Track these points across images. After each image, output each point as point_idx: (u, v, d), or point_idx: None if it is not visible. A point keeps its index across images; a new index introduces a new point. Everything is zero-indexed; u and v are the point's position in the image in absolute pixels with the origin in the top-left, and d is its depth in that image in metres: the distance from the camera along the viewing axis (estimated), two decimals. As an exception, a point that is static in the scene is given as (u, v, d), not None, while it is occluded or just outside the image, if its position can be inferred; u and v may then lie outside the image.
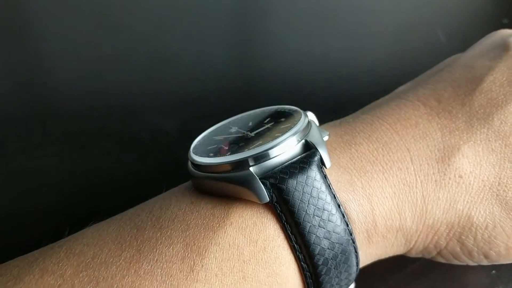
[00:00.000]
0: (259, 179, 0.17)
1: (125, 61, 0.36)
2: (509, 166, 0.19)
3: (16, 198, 0.30)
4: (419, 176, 0.19)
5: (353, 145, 0.20)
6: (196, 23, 0.37)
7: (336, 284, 0.18)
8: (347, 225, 0.18)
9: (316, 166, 0.17)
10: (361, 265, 0.20)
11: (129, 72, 0.36)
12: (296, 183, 0.17)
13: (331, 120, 0.22)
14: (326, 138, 0.19)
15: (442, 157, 0.19)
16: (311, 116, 0.20)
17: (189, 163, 0.19)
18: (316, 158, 0.17)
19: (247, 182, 0.17)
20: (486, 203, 0.19)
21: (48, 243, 0.18)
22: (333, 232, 0.17)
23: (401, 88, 0.23)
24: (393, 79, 0.23)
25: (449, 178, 0.19)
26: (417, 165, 0.19)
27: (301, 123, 0.18)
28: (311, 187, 0.17)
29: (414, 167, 0.19)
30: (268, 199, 0.17)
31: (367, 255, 0.19)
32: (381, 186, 0.19)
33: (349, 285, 0.19)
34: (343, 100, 0.23)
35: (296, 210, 0.17)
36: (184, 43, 0.37)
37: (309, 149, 0.18)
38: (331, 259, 0.17)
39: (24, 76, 0.35)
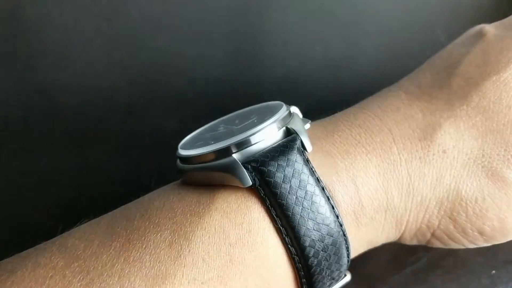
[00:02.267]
0: (242, 163, 0.17)
1: (125, 61, 0.36)
2: (491, 138, 0.20)
3: (16, 198, 0.30)
4: (402, 155, 0.19)
5: (336, 132, 0.20)
6: (196, 23, 0.37)
7: (326, 268, 0.18)
8: (333, 207, 0.18)
9: (297, 150, 0.18)
10: (354, 253, 0.20)
11: (129, 72, 0.36)
12: (278, 166, 0.17)
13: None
14: (307, 125, 0.20)
15: (424, 136, 0.20)
16: (294, 109, 0.20)
17: (177, 160, 0.20)
18: (297, 143, 0.18)
19: (230, 168, 0.17)
20: (473, 176, 0.19)
21: (46, 243, 0.18)
22: (318, 212, 0.18)
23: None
24: (393, 79, 0.23)
25: (433, 154, 0.19)
26: (400, 145, 0.20)
27: (282, 112, 0.19)
28: (292, 169, 0.17)
29: (397, 147, 0.20)
30: (250, 183, 0.17)
31: (357, 239, 0.19)
32: (364, 166, 0.19)
33: (341, 265, 0.19)
34: (343, 100, 0.23)
35: (279, 192, 0.17)
36: (184, 43, 0.37)
37: (290, 135, 0.18)
38: (318, 240, 0.17)
39: (24, 76, 0.35)
